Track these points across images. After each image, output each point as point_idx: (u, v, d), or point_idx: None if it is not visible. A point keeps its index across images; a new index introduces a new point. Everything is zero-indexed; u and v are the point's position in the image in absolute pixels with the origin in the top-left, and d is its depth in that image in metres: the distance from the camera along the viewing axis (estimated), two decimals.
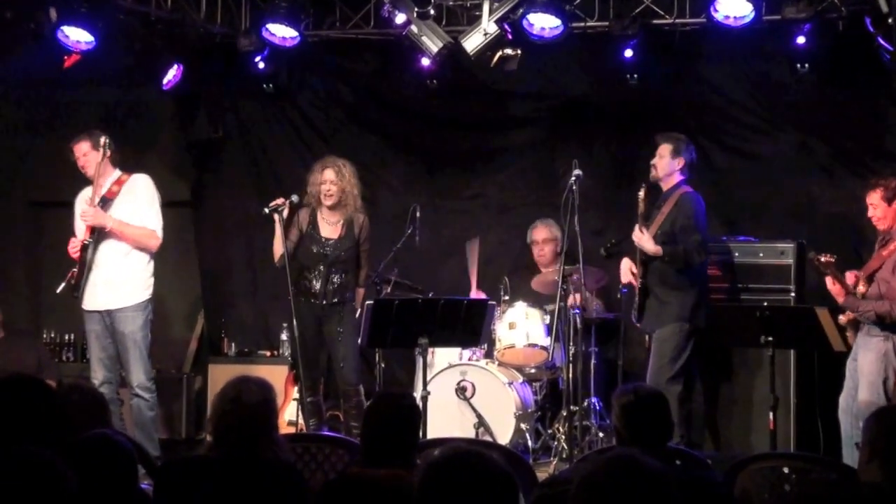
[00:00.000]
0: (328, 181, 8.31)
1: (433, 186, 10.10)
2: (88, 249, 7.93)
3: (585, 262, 8.16)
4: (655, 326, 8.05)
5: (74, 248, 7.99)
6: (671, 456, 4.59)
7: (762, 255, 8.65)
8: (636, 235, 8.02)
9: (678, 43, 9.08)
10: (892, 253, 7.51)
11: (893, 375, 7.47)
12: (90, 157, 8.02)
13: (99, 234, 7.94)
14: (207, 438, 5.48)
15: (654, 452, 3.87)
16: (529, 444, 8.49)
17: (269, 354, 10.05)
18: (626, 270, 8.19)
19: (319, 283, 8.24)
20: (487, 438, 8.22)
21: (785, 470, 5.05)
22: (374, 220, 8.72)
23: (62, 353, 10.13)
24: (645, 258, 8.05)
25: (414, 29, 8.75)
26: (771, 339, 7.34)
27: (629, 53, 8.93)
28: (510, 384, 8.52)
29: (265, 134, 10.37)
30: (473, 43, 8.62)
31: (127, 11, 9.11)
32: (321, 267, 8.26)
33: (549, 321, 8.61)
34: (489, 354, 8.81)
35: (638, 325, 8.22)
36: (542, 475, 5.91)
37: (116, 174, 8.09)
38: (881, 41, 8.23)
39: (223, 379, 4.47)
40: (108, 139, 8.01)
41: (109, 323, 7.96)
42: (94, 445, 3.79)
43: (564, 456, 8.04)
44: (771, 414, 7.39)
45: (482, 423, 8.42)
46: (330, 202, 8.31)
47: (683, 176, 8.16)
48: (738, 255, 8.69)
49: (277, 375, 8.96)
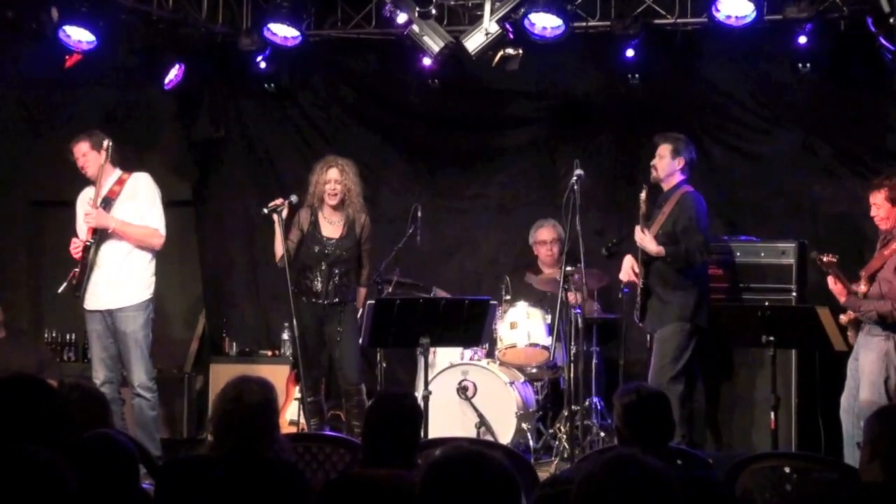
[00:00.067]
0: (332, 180, 8.30)
1: (434, 186, 10.10)
2: (90, 250, 7.93)
3: (586, 262, 8.15)
4: (657, 326, 8.04)
5: (76, 248, 7.99)
6: (672, 456, 4.59)
7: (763, 254, 8.65)
8: (638, 236, 8.02)
9: (680, 43, 9.08)
10: (893, 252, 7.51)
11: (895, 375, 7.47)
12: (90, 157, 8.01)
13: (101, 234, 7.94)
14: (209, 438, 5.47)
15: (655, 452, 3.87)
16: (531, 443, 8.48)
17: (270, 354, 10.06)
18: (627, 268, 8.18)
19: (321, 282, 8.23)
20: (489, 438, 8.22)
21: (786, 469, 5.05)
22: (375, 219, 8.72)
23: (63, 352, 10.13)
24: (647, 258, 8.04)
25: (415, 28, 8.75)
26: (772, 338, 7.33)
27: (631, 53, 8.93)
28: (511, 384, 8.52)
29: (266, 133, 10.38)
30: (475, 43, 8.61)
31: (128, 11, 9.11)
32: (323, 266, 8.25)
33: (550, 320, 8.61)
34: (490, 354, 8.80)
35: (640, 324, 8.22)
36: (543, 475, 5.92)
37: (117, 174, 8.08)
38: (882, 41, 8.24)
39: (224, 379, 4.47)
40: (110, 142, 8.00)
41: (111, 322, 7.96)
42: (95, 445, 3.79)
43: (566, 456, 8.03)
44: (772, 413, 7.38)
45: (483, 422, 8.42)
46: (334, 201, 8.30)
47: (684, 175, 8.15)
48: (739, 254, 8.69)
49: (279, 375, 8.95)
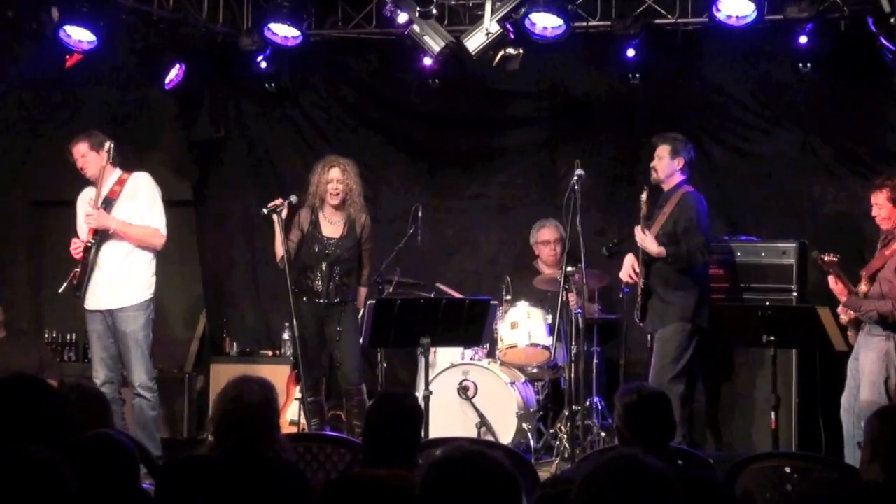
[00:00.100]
0: (335, 180, 8.30)
1: (435, 186, 10.10)
2: (91, 251, 7.93)
3: (587, 262, 8.15)
4: (658, 326, 8.04)
5: (77, 249, 7.98)
6: (673, 456, 4.59)
7: (764, 254, 8.65)
8: (639, 237, 8.01)
9: (680, 42, 9.08)
10: (894, 252, 7.51)
11: (895, 375, 7.46)
12: (89, 158, 8.00)
13: (102, 235, 7.93)
14: (209, 438, 5.47)
15: (656, 452, 3.87)
16: (531, 443, 8.48)
17: (270, 354, 10.06)
18: (627, 268, 8.18)
19: (321, 282, 8.23)
20: (489, 438, 8.22)
21: (787, 469, 5.04)
22: (375, 219, 8.73)
23: (64, 352, 10.13)
24: (647, 259, 8.04)
25: (416, 28, 8.74)
26: (773, 338, 7.33)
27: (631, 53, 8.93)
28: (512, 384, 8.51)
29: (267, 133, 10.38)
30: (475, 42, 8.61)
31: (129, 11, 9.11)
32: (323, 266, 8.25)
33: (550, 320, 8.61)
34: (491, 354, 8.80)
35: (640, 324, 8.22)
36: (544, 475, 5.92)
37: (117, 174, 8.07)
38: (883, 41, 8.23)
39: (225, 378, 4.47)
40: (112, 144, 7.99)
41: (111, 322, 7.96)
42: (95, 445, 3.79)
43: (566, 456, 8.03)
44: (773, 413, 7.38)
45: (484, 422, 8.41)
46: (336, 201, 8.30)
47: (684, 175, 8.15)
48: (739, 254, 8.69)
49: (279, 375, 8.95)
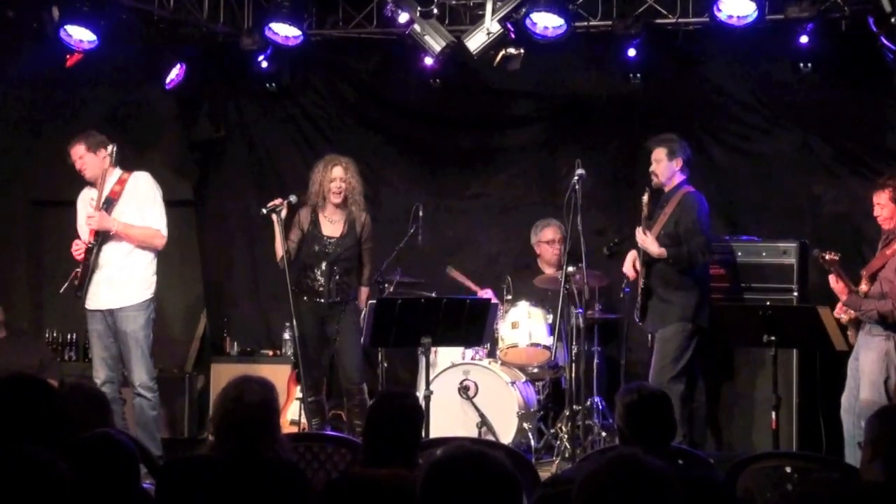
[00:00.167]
0: (338, 178, 8.29)
1: (435, 186, 10.10)
2: (92, 251, 7.93)
3: (587, 262, 8.15)
4: (658, 326, 8.05)
5: (78, 250, 7.98)
6: (673, 455, 4.59)
7: (764, 254, 8.65)
8: (640, 237, 8.01)
9: (681, 42, 9.09)
10: (895, 252, 7.50)
11: (895, 375, 7.46)
12: (87, 159, 7.98)
13: (103, 236, 7.93)
14: (209, 438, 5.47)
15: (656, 452, 3.87)
16: (532, 443, 8.48)
17: (271, 354, 10.05)
18: (629, 263, 8.19)
19: (322, 281, 8.23)
20: (490, 438, 8.22)
21: (787, 469, 5.04)
22: (376, 219, 8.73)
23: (64, 352, 10.13)
24: (648, 259, 8.04)
25: (417, 28, 8.74)
26: (773, 338, 7.33)
27: (632, 53, 8.93)
28: (513, 383, 8.52)
29: (268, 133, 10.38)
30: (476, 42, 8.61)
31: (129, 10, 9.11)
32: (323, 265, 8.24)
33: (551, 320, 8.61)
34: (492, 354, 8.80)
35: (640, 324, 8.22)
36: (544, 475, 5.92)
37: (117, 174, 8.06)
38: (884, 41, 8.23)
39: (225, 378, 4.47)
40: (114, 147, 7.98)
41: (112, 322, 7.96)
42: (95, 445, 3.79)
43: (567, 455, 8.03)
44: (773, 413, 7.38)
45: (485, 422, 8.42)
46: (338, 199, 8.29)
47: (684, 175, 8.16)
48: (740, 254, 8.69)
49: (280, 375, 8.96)
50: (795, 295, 8.51)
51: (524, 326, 8.68)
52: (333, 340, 8.26)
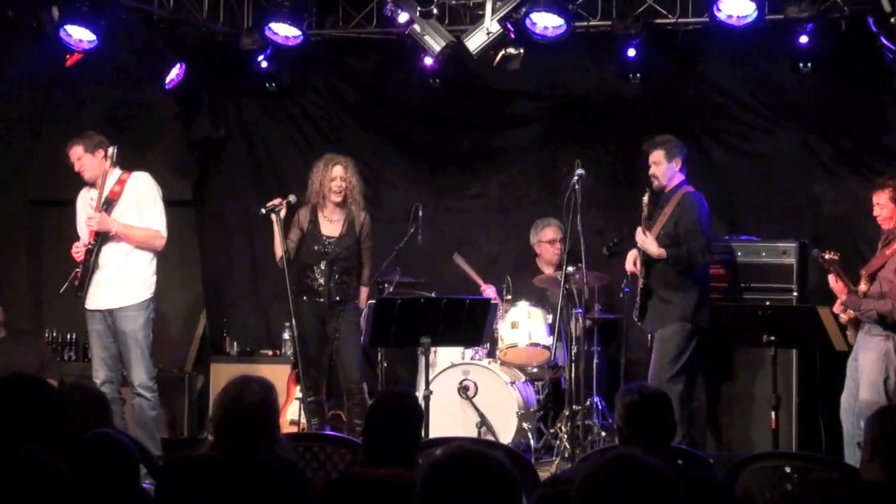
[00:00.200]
0: (338, 177, 8.29)
1: (435, 185, 10.09)
2: (92, 252, 7.92)
3: (587, 261, 8.15)
4: (658, 326, 8.05)
5: (78, 252, 7.97)
6: (673, 455, 4.59)
7: (764, 254, 8.65)
8: (639, 238, 8.01)
9: (681, 42, 9.08)
10: (895, 252, 7.50)
11: (894, 375, 7.46)
12: (85, 161, 7.97)
13: (103, 237, 7.93)
14: (209, 438, 5.47)
15: (656, 452, 3.87)
16: (532, 443, 8.48)
17: (271, 354, 10.06)
18: (630, 260, 8.19)
19: (322, 281, 8.23)
20: (490, 438, 8.22)
21: (787, 469, 5.04)
22: (376, 219, 8.72)
23: (64, 352, 10.14)
24: (648, 259, 8.04)
25: (416, 28, 8.74)
26: (773, 338, 7.33)
27: (632, 53, 8.93)
28: (512, 383, 8.52)
29: (267, 133, 10.38)
30: (476, 42, 8.60)
31: (129, 10, 9.10)
32: (323, 265, 8.24)
33: (551, 320, 8.61)
34: (491, 354, 8.80)
35: (639, 324, 8.23)
36: (544, 475, 5.92)
37: (117, 173, 8.05)
38: (884, 41, 8.23)
39: (225, 378, 4.47)
40: (115, 151, 7.97)
41: (111, 322, 7.95)
42: (95, 445, 3.79)
43: (567, 455, 8.03)
44: (773, 413, 7.38)
45: (484, 422, 8.41)
46: (339, 198, 8.29)
47: (683, 174, 8.17)
48: (740, 254, 8.69)
49: (280, 375, 8.95)
50: (795, 295, 8.51)
51: (524, 326, 8.68)
52: (333, 340, 8.26)
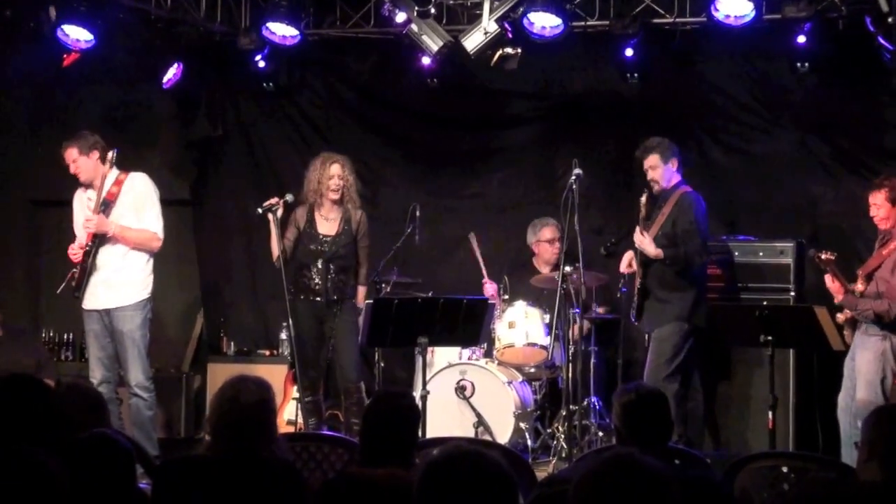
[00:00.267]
0: (336, 175, 8.29)
1: (433, 185, 10.09)
2: (90, 254, 7.92)
3: (585, 261, 8.15)
4: (655, 326, 8.05)
5: (75, 254, 7.96)
6: (670, 455, 4.59)
7: (762, 254, 8.65)
8: (637, 238, 8.02)
9: (678, 42, 9.08)
10: (892, 252, 7.51)
11: (891, 375, 7.46)
12: (80, 162, 7.96)
13: (100, 238, 7.92)
14: (206, 438, 5.48)
15: (653, 451, 3.87)
16: (529, 443, 8.48)
17: (268, 354, 10.06)
18: (626, 260, 8.19)
19: (318, 280, 8.23)
20: (487, 438, 8.22)
21: (784, 469, 5.05)
22: (373, 218, 8.73)
23: (61, 352, 10.12)
24: (645, 259, 8.04)
25: (414, 28, 8.74)
26: (770, 338, 7.32)
27: (629, 52, 8.93)
28: (510, 383, 8.52)
29: (265, 133, 10.38)
30: (474, 42, 8.61)
31: (127, 10, 9.10)
32: (319, 263, 8.25)
33: (548, 320, 8.61)
34: (489, 353, 8.81)
35: (635, 323, 8.23)
36: (541, 474, 5.92)
37: (114, 174, 8.04)
38: (881, 40, 8.23)
39: (222, 378, 4.46)
40: (114, 154, 7.95)
41: (108, 322, 7.95)
42: (92, 445, 3.79)
43: (564, 455, 8.04)
44: (770, 413, 7.37)
45: (481, 422, 8.41)
46: (336, 196, 8.29)
47: (679, 174, 8.17)
48: (737, 254, 8.69)
49: (277, 375, 8.96)
50: (792, 295, 8.51)
51: (521, 326, 8.69)
52: (330, 339, 8.26)
